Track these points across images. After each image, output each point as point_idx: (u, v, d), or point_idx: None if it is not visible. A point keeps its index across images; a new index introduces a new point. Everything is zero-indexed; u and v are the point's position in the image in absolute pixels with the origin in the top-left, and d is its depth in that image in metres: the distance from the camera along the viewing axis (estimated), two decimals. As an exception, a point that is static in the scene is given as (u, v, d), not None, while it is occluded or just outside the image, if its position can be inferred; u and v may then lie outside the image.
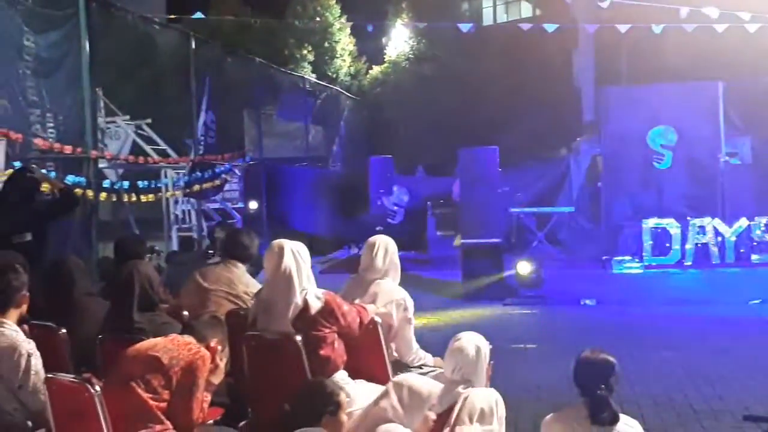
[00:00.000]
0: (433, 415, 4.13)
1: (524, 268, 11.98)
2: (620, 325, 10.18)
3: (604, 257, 14.18)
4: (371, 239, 5.63)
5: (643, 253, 13.57)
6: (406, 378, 4.48)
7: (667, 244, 13.47)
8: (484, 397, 4.08)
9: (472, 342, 4.34)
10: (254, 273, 11.84)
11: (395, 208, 17.98)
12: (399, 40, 27.29)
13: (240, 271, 5.87)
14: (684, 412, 6.73)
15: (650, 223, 13.64)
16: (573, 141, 18.69)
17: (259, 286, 5.89)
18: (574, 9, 17.37)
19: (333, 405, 3.66)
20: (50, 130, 9.82)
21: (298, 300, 4.72)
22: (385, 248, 5.51)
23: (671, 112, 14.66)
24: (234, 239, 6.08)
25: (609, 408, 3.87)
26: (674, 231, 13.36)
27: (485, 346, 4.47)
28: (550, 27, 13.61)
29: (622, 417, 3.94)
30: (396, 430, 4.12)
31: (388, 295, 5.36)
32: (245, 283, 5.81)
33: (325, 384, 3.81)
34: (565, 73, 21.56)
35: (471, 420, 3.93)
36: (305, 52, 23.66)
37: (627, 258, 13.62)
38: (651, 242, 13.56)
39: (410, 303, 5.44)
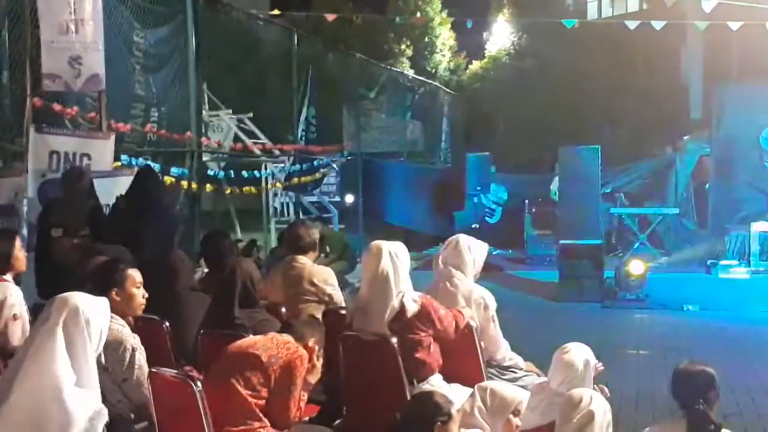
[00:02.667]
0: (518, 421, 4.06)
1: (636, 268, 11.68)
2: (725, 332, 9.82)
3: (709, 261, 13.75)
4: (451, 239, 5.53)
5: (751, 258, 13.10)
6: (492, 382, 4.42)
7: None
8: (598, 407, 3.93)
9: (582, 355, 4.23)
10: (348, 268, 12.00)
11: (493, 206, 17.84)
12: (500, 35, 27.02)
13: (306, 265, 5.89)
14: (794, 427, 6.46)
15: (759, 226, 13.16)
16: (679, 140, 18.18)
17: (327, 271, 5.94)
18: (683, 4, 16.86)
19: (444, 416, 3.62)
20: (152, 125, 10.10)
21: (395, 303, 4.72)
22: (460, 248, 5.39)
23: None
24: (292, 232, 6.13)
25: (709, 422, 3.72)
26: (785, 235, 12.86)
27: (593, 359, 4.36)
28: (657, 24, 13.22)
29: None
30: None
31: (466, 296, 5.28)
32: (309, 273, 5.84)
33: (435, 395, 3.77)
34: (672, 70, 20.99)
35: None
36: (404, 47, 23.67)
37: (733, 262, 13.18)
38: (759, 246, 13.08)
39: (491, 301, 5.35)
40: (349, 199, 17.48)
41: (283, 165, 14.75)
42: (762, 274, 12.98)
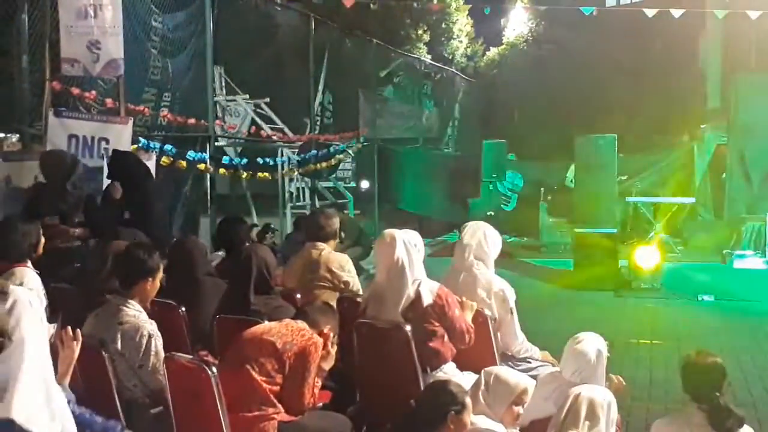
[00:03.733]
0: (520, 410, 4.07)
1: (641, 259, 11.66)
2: (740, 323, 9.79)
3: (724, 251, 13.69)
4: (466, 226, 5.50)
5: (767, 248, 13.03)
6: (499, 368, 4.42)
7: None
8: (597, 396, 3.97)
9: (594, 345, 4.23)
10: (363, 254, 12.02)
11: (509, 193, 17.80)
12: (518, 22, 26.90)
13: (323, 251, 5.93)
14: (805, 419, 6.44)
15: (775, 216, 13.10)
16: (697, 128, 18.06)
17: (345, 258, 5.97)
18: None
19: (458, 405, 3.64)
20: (163, 110, 10.11)
21: (411, 292, 4.74)
22: (476, 233, 5.37)
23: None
24: (313, 221, 6.18)
25: (732, 414, 3.73)
26: (801, 226, 12.79)
27: (605, 349, 4.37)
28: (676, 12, 13.12)
29: None
30: (483, 422, 4.07)
31: (485, 287, 5.27)
32: (327, 259, 5.88)
33: (451, 384, 3.80)
34: (691, 58, 20.82)
35: (579, 419, 3.83)
36: (421, 32, 23.58)
37: (749, 252, 13.12)
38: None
39: (510, 293, 5.33)
40: (365, 184, 17.50)
41: (298, 150, 14.78)
42: (778, 265, 12.93)
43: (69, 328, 3.66)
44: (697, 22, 18.02)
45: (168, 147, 9.12)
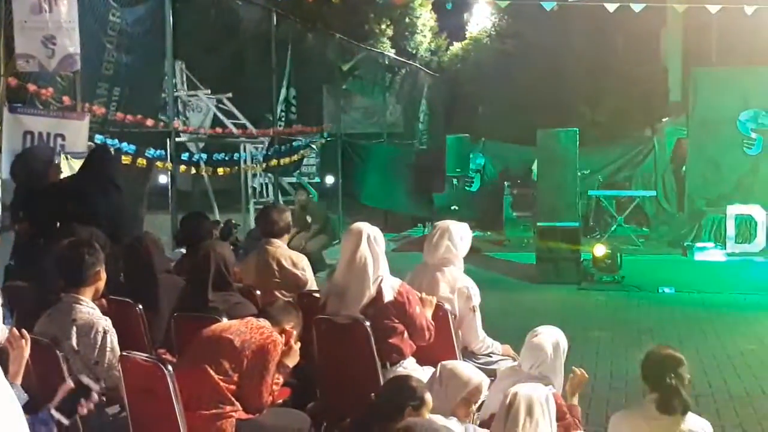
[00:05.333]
0: (473, 407, 4.07)
1: (600, 251, 11.77)
2: (699, 315, 9.91)
3: (685, 243, 13.85)
4: (437, 224, 5.54)
5: (727, 241, 13.20)
6: (453, 362, 4.41)
7: (752, 232, 13.08)
8: (534, 393, 3.94)
9: (551, 338, 4.25)
10: (328, 242, 11.98)
11: (472, 174, 17.80)
12: (481, 16, 26.97)
13: (277, 248, 5.86)
14: (762, 407, 6.52)
15: (735, 209, 13.26)
16: (658, 122, 18.24)
17: (300, 256, 5.92)
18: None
19: (417, 400, 3.63)
20: (113, 105, 9.94)
21: (372, 290, 4.72)
22: (445, 234, 5.39)
23: (763, 95, 14.19)
24: (265, 217, 6.10)
25: (679, 396, 3.75)
26: (760, 218, 12.96)
27: (564, 341, 4.39)
28: (637, 6, 13.22)
29: (693, 416, 3.82)
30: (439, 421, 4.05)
31: (450, 284, 5.29)
32: (282, 256, 5.81)
33: (412, 379, 3.79)
34: (652, 52, 21.02)
35: (518, 420, 3.79)
36: (384, 26, 23.54)
37: (709, 245, 13.28)
38: (735, 229, 13.18)
39: (475, 291, 5.34)
40: (329, 180, 17.47)
41: (262, 146, 14.71)
42: (737, 257, 13.09)
43: (14, 328, 3.61)
44: (658, 16, 18.18)
45: (125, 145, 9.01)
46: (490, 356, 5.39)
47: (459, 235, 5.42)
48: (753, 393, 6.90)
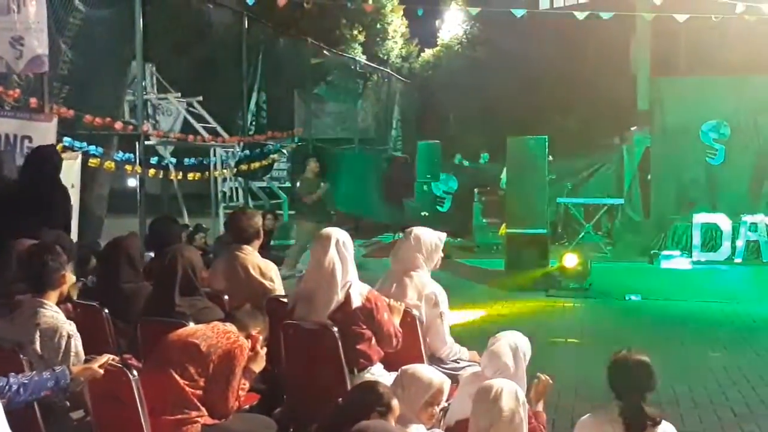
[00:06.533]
0: (436, 410, 4.07)
1: (570, 260, 11.85)
2: (665, 322, 10.01)
3: (652, 251, 13.99)
4: (407, 231, 5.53)
5: (693, 249, 13.35)
6: (414, 365, 4.41)
7: (718, 241, 13.24)
8: (506, 385, 3.95)
9: (512, 343, 4.27)
10: (303, 249, 11.92)
11: (444, 195, 17.91)
12: (453, 23, 27.07)
13: (246, 254, 5.79)
14: (724, 415, 6.61)
15: (700, 218, 13.42)
16: (627, 130, 18.41)
17: (269, 264, 5.88)
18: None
19: (383, 407, 3.62)
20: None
21: (340, 295, 4.72)
22: (414, 240, 5.38)
23: (726, 105, 14.40)
24: (234, 223, 6.04)
25: (642, 414, 3.78)
26: (725, 227, 13.12)
27: (525, 345, 4.40)
28: (605, 14, 13.36)
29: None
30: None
31: (417, 290, 5.29)
32: (250, 263, 5.74)
33: (379, 385, 3.78)
34: (621, 61, 21.19)
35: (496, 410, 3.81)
36: (356, 32, 23.56)
37: (675, 253, 13.42)
38: (701, 238, 13.34)
39: (442, 297, 5.33)
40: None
41: (232, 150, 14.66)
42: (703, 265, 13.24)
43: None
44: (627, 25, 18.36)
45: (93, 148, 8.93)
46: (458, 362, 5.39)
47: (429, 242, 5.42)
48: (716, 400, 6.97)
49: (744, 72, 15.50)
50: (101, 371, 3.82)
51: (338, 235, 4.90)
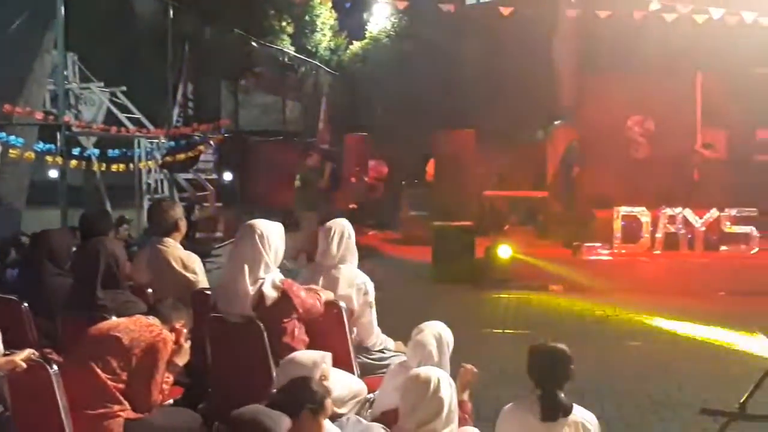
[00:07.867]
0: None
1: (496, 252, 12.02)
2: (586, 312, 10.24)
3: (575, 243, 14.23)
4: (327, 224, 5.51)
5: (614, 240, 13.64)
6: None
7: (638, 232, 13.55)
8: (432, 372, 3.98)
9: (435, 334, 4.33)
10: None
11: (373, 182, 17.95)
12: (380, 16, 27.11)
13: (169, 246, 5.72)
14: (642, 403, 6.81)
15: (622, 210, 13.71)
16: (550, 125, 18.69)
17: (191, 257, 5.82)
18: (556, -8, 17.28)
19: (316, 404, 3.59)
20: None
21: (251, 289, 4.66)
22: (340, 233, 5.41)
23: (649, 101, 14.75)
24: (153, 216, 5.95)
25: (558, 403, 3.88)
26: (645, 219, 13.43)
27: (448, 336, 4.46)
28: (528, 11, 13.55)
29: (578, 408, 3.95)
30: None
31: (348, 280, 5.33)
32: (172, 256, 5.67)
33: (315, 383, 3.74)
34: (545, 56, 21.50)
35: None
36: (285, 24, 23.42)
37: (597, 244, 13.69)
38: (621, 229, 13.63)
39: (370, 287, 5.40)
40: (228, 176, 17.29)
41: (158, 141, 14.45)
42: (624, 257, 13.52)
43: None
44: (550, 21, 18.64)
45: (12, 138, 8.70)
46: (383, 352, 5.45)
47: (348, 232, 5.46)
48: (634, 389, 7.17)
49: (666, 68, 15.89)
50: (24, 364, 3.75)
51: (261, 227, 4.79)
